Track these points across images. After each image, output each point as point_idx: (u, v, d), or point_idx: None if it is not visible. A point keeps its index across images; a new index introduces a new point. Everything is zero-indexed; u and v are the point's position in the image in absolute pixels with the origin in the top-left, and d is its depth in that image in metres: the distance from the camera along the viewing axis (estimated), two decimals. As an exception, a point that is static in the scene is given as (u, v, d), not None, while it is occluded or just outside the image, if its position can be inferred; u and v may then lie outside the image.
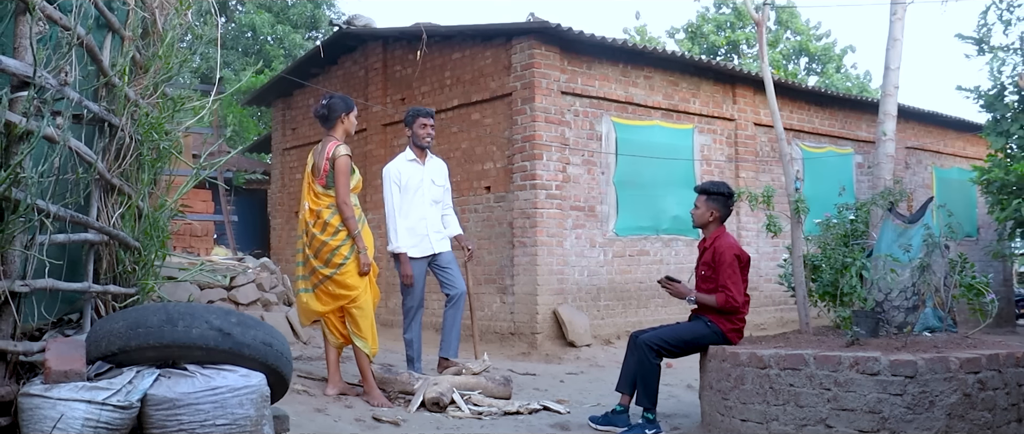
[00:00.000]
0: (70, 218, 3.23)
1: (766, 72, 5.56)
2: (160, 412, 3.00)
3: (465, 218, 10.88)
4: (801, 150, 12.84)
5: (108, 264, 3.78)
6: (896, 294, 5.56)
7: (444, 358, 6.78)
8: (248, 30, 23.74)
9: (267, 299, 8.04)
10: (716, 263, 5.43)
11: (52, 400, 2.84)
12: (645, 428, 5.47)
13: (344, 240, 5.82)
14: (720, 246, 5.48)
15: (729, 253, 5.42)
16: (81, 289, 3.50)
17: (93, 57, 3.43)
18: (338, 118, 5.95)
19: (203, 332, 3.14)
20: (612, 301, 10.60)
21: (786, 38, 27.71)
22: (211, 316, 3.19)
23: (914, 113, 14.57)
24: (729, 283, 5.36)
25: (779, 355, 4.85)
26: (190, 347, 3.13)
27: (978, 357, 4.64)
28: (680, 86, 11.47)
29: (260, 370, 3.25)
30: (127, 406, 2.94)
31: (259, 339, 3.26)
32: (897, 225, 5.72)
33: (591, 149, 10.52)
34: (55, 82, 3.02)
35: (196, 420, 2.99)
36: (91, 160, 3.41)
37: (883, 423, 4.52)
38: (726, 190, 5.65)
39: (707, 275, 5.54)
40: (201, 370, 3.13)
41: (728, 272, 5.38)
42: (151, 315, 3.14)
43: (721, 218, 5.63)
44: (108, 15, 3.59)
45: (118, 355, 3.14)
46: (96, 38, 3.64)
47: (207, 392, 3.03)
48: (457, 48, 11.20)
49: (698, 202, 5.68)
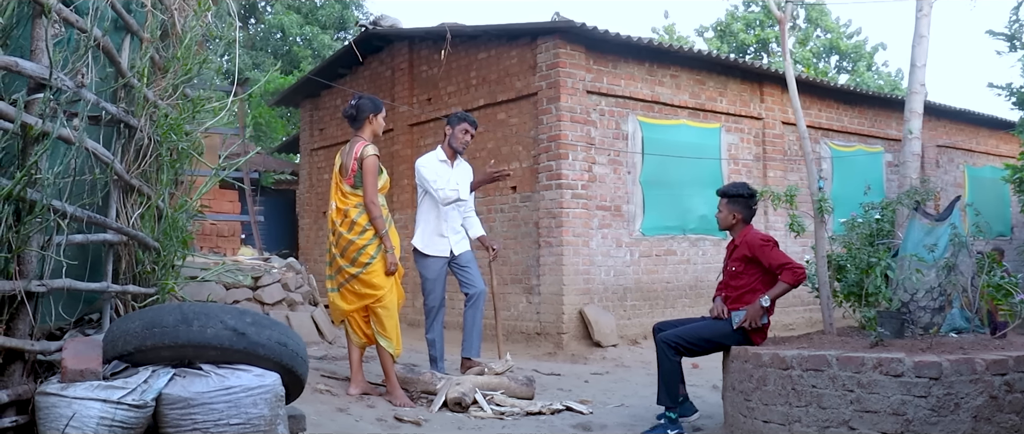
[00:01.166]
0: (87, 219, 3.26)
1: (789, 70, 5.50)
2: (175, 411, 3.02)
3: (491, 218, 10.89)
4: (830, 149, 12.71)
5: (127, 264, 3.82)
6: (922, 295, 5.47)
7: (466, 358, 6.78)
8: (277, 31, 23.91)
9: (292, 299, 8.08)
10: (756, 254, 5.41)
11: (68, 399, 2.87)
12: (667, 428, 5.43)
13: (371, 239, 5.84)
14: (751, 239, 5.49)
15: (759, 242, 5.43)
16: (99, 289, 3.53)
17: (111, 58, 3.46)
18: (366, 119, 5.99)
19: (218, 332, 3.16)
20: (639, 301, 10.55)
21: (816, 36, 27.43)
22: (226, 316, 3.21)
23: (946, 111, 14.37)
24: (781, 259, 5.36)
25: (801, 356, 4.79)
26: (205, 347, 3.15)
27: (1005, 358, 4.54)
28: (707, 85, 11.39)
29: (275, 370, 3.26)
30: (142, 405, 2.96)
31: (274, 339, 3.27)
32: (925, 224, 5.63)
33: (617, 148, 10.48)
34: (72, 84, 3.05)
35: (210, 419, 3.01)
36: (108, 161, 3.43)
37: (907, 425, 4.45)
38: (746, 191, 5.63)
39: (739, 271, 5.52)
40: (216, 370, 3.15)
41: (773, 254, 5.38)
42: (166, 315, 3.17)
43: (744, 219, 5.60)
44: (126, 17, 3.62)
45: (134, 355, 3.16)
46: (114, 40, 3.68)
47: (221, 392, 3.05)
48: (483, 48, 11.20)
49: (720, 205, 5.68)
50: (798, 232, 5.26)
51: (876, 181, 12.93)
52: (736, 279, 5.54)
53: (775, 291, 5.37)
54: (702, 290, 11.01)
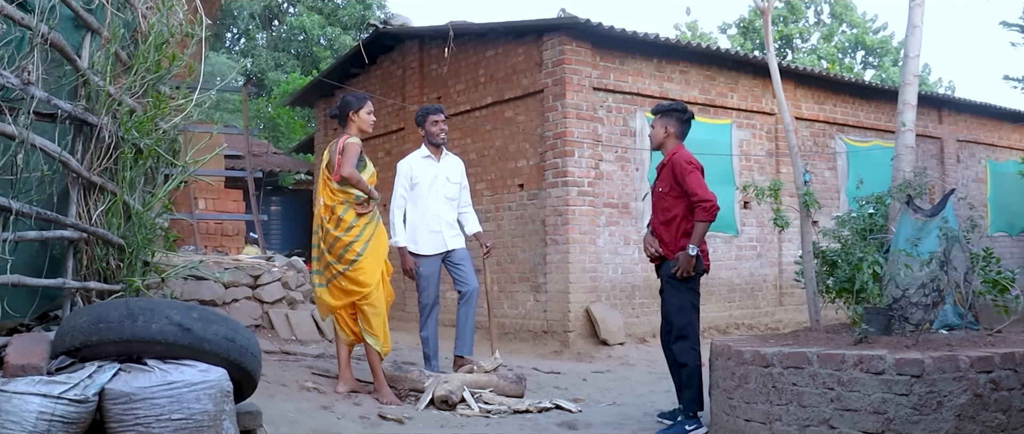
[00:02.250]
0: (36, 215, 3.27)
1: (772, 61, 5.41)
2: (118, 406, 3.02)
3: (499, 216, 10.87)
4: (846, 144, 12.53)
5: (88, 260, 3.82)
6: (914, 291, 5.36)
7: (459, 356, 6.76)
8: (300, 32, 24.05)
9: (293, 297, 8.09)
10: (677, 176, 5.33)
11: (7, 393, 2.88)
12: (685, 425, 5.38)
13: (357, 236, 5.84)
14: (677, 158, 5.37)
15: (682, 162, 5.32)
16: (54, 285, 3.54)
17: (64, 55, 3.47)
18: (349, 115, 6.00)
19: (163, 327, 3.15)
20: (647, 299, 10.45)
21: (842, 31, 27.09)
22: (171, 311, 3.20)
23: (966, 105, 14.11)
24: (698, 189, 5.24)
25: (782, 353, 4.71)
26: (150, 342, 3.15)
27: (991, 355, 4.43)
28: (717, 80, 11.27)
29: (222, 365, 3.25)
30: (83, 400, 2.96)
31: (221, 334, 3.26)
32: (917, 219, 5.51)
33: (625, 145, 10.40)
34: (17, 81, 3.05)
35: (152, 414, 3.01)
36: (61, 158, 3.44)
37: (888, 424, 4.35)
38: (679, 106, 5.65)
39: (664, 192, 5.43)
40: (161, 365, 3.15)
41: (693, 180, 5.27)
42: (112, 310, 3.17)
43: (677, 135, 5.53)
44: (83, 15, 3.63)
45: (81, 350, 3.17)
46: (74, 38, 3.69)
47: (163, 387, 3.04)
48: (490, 45, 11.17)
49: (653, 122, 5.65)
50: (782, 227, 5.16)
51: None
52: (662, 200, 5.46)
53: (696, 234, 5.29)
54: (713, 288, 10.90)
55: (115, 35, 3.82)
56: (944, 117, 14.05)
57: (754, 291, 11.42)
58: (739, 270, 11.31)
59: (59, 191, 3.65)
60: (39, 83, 3.20)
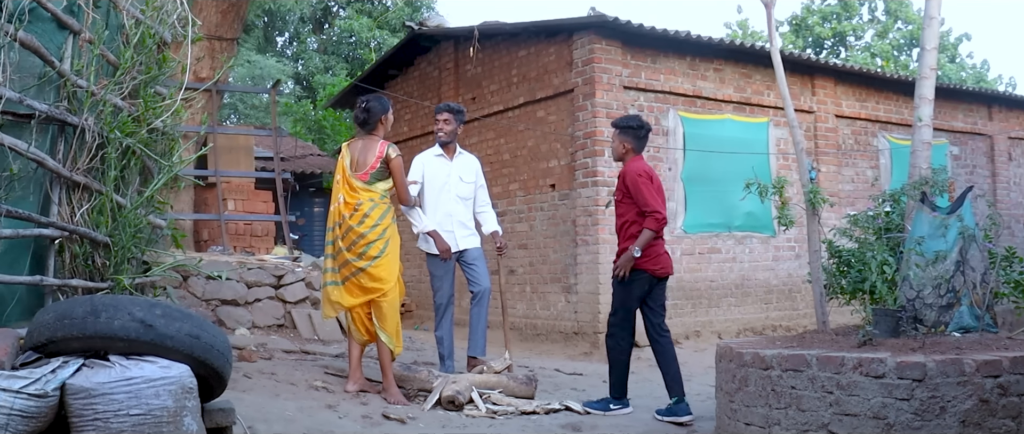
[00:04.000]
0: (7, 213, 3.32)
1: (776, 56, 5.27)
2: (78, 401, 3.06)
3: (532, 216, 10.82)
4: (889, 142, 12.21)
5: (72, 258, 3.88)
6: (929, 291, 5.17)
7: (472, 357, 6.73)
8: (350, 35, 24.26)
9: (316, 297, 8.13)
10: (629, 185, 5.73)
11: (-33, 387, 2.93)
12: (610, 403, 5.95)
13: (380, 234, 5.89)
14: (630, 168, 5.83)
15: (634, 174, 5.74)
16: (31, 283, 3.60)
17: (39, 55, 3.52)
18: (379, 120, 6.11)
19: (125, 323, 3.18)
20: (681, 300, 10.30)
21: (897, 28, 26.42)
22: (135, 308, 3.23)
23: (1017, 101, 13.66)
24: (647, 199, 5.64)
25: (781, 355, 4.58)
26: (113, 338, 3.18)
27: (999, 359, 4.24)
28: (753, 78, 11.06)
29: (185, 362, 3.26)
30: (42, 395, 3.00)
31: (184, 331, 3.28)
32: (934, 217, 5.32)
33: (657, 144, 10.26)
34: (-17, 81, 3.11)
35: (110, 410, 3.03)
36: (34, 157, 3.49)
37: (888, 430, 4.20)
38: (635, 122, 6.05)
39: (619, 200, 5.89)
40: (122, 361, 3.18)
41: (642, 190, 5.66)
42: (77, 307, 3.21)
43: (635, 149, 6.00)
44: (61, 16, 3.68)
45: (48, 346, 3.22)
46: (57, 40, 3.74)
47: (122, 382, 3.07)
48: (523, 45, 11.13)
49: (612, 137, 6.16)
50: (787, 225, 5.03)
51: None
52: (618, 207, 5.91)
53: (640, 239, 5.67)
54: (749, 289, 10.71)
55: (99, 36, 3.87)
56: (994, 114, 13.60)
57: (792, 292, 11.18)
58: (776, 271, 11.09)
59: (38, 190, 3.71)
60: (7, 83, 3.25)
